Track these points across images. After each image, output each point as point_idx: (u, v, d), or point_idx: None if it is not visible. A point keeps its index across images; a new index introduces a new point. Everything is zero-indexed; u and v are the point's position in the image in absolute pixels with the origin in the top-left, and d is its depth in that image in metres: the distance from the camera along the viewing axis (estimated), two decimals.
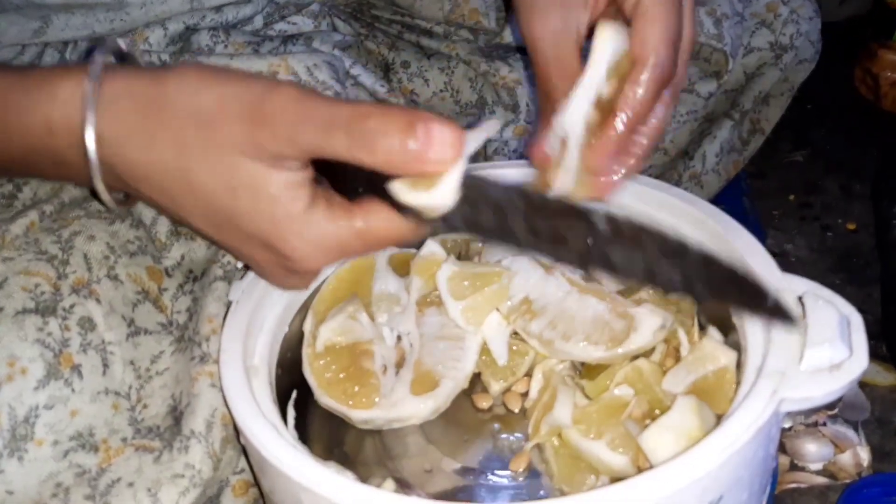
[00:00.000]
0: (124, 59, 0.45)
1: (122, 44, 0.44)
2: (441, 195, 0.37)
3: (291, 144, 0.38)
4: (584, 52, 0.47)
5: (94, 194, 0.44)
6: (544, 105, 0.47)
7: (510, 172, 0.57)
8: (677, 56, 0.45)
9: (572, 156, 0.44)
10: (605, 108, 0.45)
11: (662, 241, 0.38)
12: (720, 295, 0.39)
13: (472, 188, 0.39)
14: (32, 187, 0.50)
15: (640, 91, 0.44)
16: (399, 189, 0.38)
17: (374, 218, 0.40)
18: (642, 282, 0.40)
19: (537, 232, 0.39)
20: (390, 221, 0.40)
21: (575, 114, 0.44)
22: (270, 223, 0.40)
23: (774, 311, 0.39)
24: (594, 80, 0.44)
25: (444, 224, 0.40)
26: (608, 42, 0.44)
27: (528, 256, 0.53)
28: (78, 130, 0.40)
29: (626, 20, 0.46)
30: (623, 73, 0.45)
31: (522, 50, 0.71)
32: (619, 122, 0.44)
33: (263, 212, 0.40)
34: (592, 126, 0.45)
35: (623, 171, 0.47)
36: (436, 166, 0.36)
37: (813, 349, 0.42)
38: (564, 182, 0.43)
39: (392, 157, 0.36)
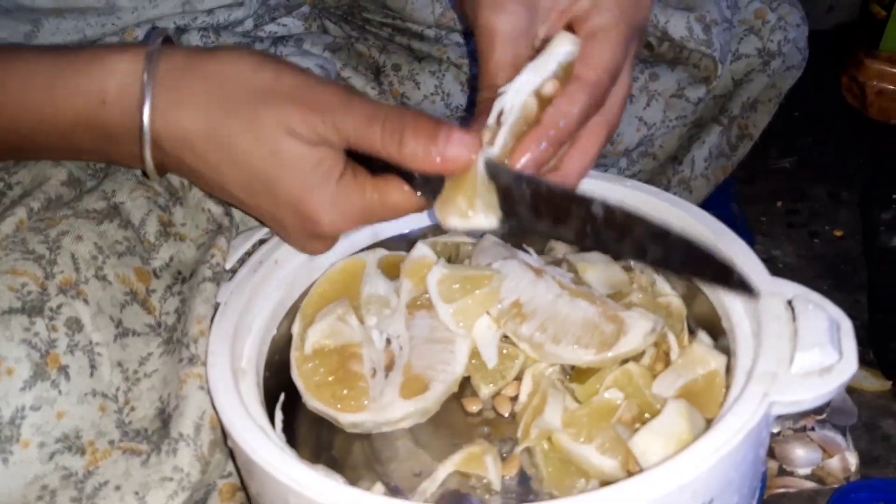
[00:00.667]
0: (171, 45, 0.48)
1: (171, 33, 0.48)
2: (480, 220, 0.44)
3: (336, 131, 0.43)
4: None
5: (137, 167, 0.48)
6: (486, 94, 0.47)
7: None
8: (611, 87, 0.47)
9: (502, 133, 0.45)
10: (543, 104, 0.46)
11: (649, 226, 0.42)
12: (694, 270, 0.43)
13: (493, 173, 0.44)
14: (23, 186, 0.50)
15: (571, 104, 0.45)
16: (442, 215, 0.45)
17: (393, 190, 0.46)
18: (630, 257, 0.46)
19: (540, 214, 0.44)
20: (405, 195, 0.46)
21: (518, 94, 0.46)
22: (307, 192, 0.45)
23: (738, 285, 0.42)
24: (543, 68, 0.46)
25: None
26: (565, 44, 0.46)
27: (519, 260, 0.53)
28: (134, 100, 0.44)
29: None
30: (565, 80, 0.46)
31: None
32: (543, 129, 0.45)
33: (301, 179, 0.44)
34: (528, 114, 0.46)
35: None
36: (453, 164, 0.42)
37: (803, 353, 0.42)
38: (492, 153, 0.45)
39: (417, 151, 0.42)
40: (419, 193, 0.46)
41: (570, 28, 0.48)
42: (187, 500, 0.43)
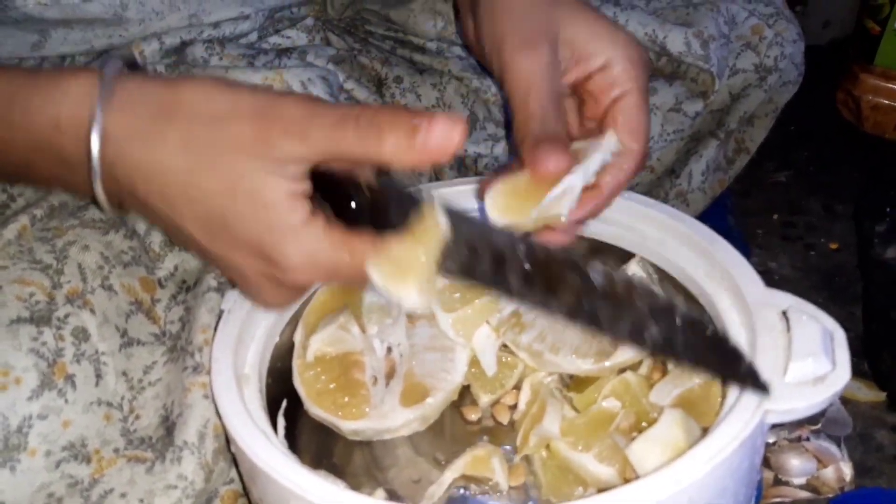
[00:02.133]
0: (135, 70, 0.45)
1: (136, 56, 0.45)
2: (409, 298, 0.40)
3: (302, 140, 0.38)
4: None
5: (93, 200, 0.43)
6: (525, 145, 0.45)
7: None
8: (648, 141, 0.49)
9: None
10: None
11: (652, 301, 0.40)
12: (699, 360, 0.41)
13: (474, 233, 0.41)
14: (26, 198, 0.50)
15: (622, 176, 0.47)
16: (374, 273, 0.40)
17: (365, 247, 0.41)
18: (625, 340, 0.42)
19: (532, 282, 0.41)
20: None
21: (566, 196, 0.45)
22: (267, 229, 0.40)
23: (747, 377, 0.41)
24: (588, 170, 0.46)
25: (439, 269, 0.41)
26: (610, 143, 0.48)
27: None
28: (85, 127, 0.40)
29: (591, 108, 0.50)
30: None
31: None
32: (598, 200, 0.47)
33: (261, 217, 0.40)
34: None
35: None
36: (438, 153, 0.38)
37: (797, 362, 0.43)
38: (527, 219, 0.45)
39: (400, 143, 0.38)
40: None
41: (586, 79, 0.49)
42: None
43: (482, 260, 0.41)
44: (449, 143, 0.38)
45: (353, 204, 0.41)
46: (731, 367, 0.40)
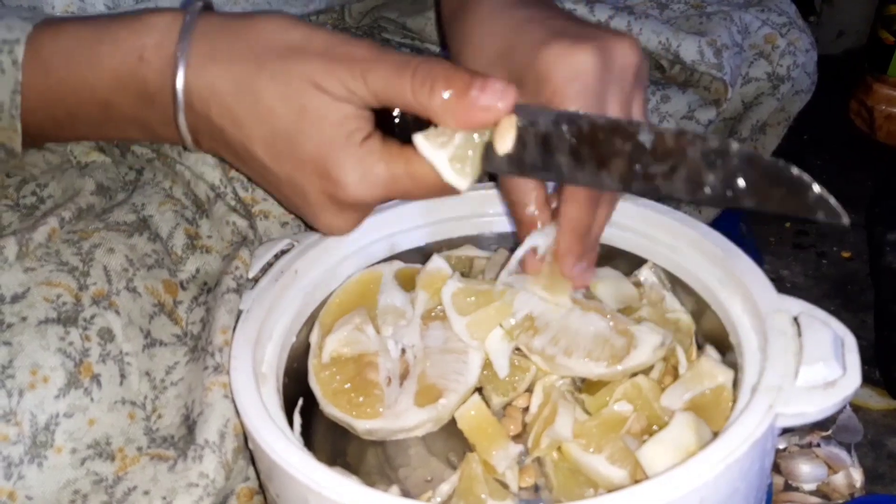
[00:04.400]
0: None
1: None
2: (456, 180, 0.43)
3: (364, 82, 0.42)
4: None
5: (167, 140, 0.47)
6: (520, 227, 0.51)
7: None
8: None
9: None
10: None
11: (704, 146, 0.39)
12: (763, 199, 0.39)
13: (521, 124, 0.42)
14: (55, 199, 0.51)
15: (577, 208, 0.47)
16: (422, 145, 0.43)
17: (422, 162, 0.44)
18: (682, 199, 0.41)
19: (581, 160, 0.42)
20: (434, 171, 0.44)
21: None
22: (330, 147, 0.43)
23: (818, 205, 0.38)
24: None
25: (489, 165, 0.44)
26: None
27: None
28: (170, 55, 0.44)
29: None
30: None
31: None
32: (566, 239, 0.48)
33: (325, 136, 0.43)
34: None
35: (586, 264, 0.50)
36: (485, 115, 0.42)
37: (808, 367, 0.43)
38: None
39: (449, 99, 0.41)
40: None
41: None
42: None
43: (529, 148, 0.43)
44: (497, 106, 0.41)
45: (397, 121, 0.44)
46: (798, 197, 0.38)
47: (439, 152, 0.43)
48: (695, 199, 0.40)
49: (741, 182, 0.39)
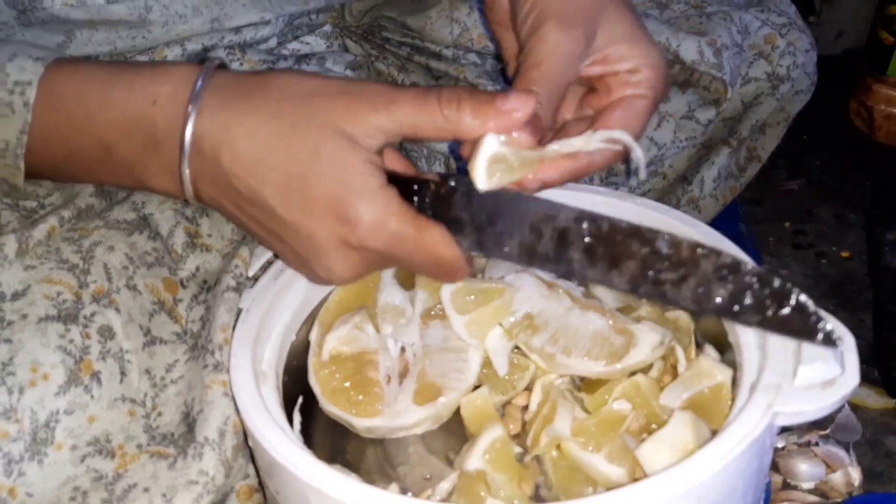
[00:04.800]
0: None
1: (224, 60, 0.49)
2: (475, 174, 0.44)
3: (387, 112, 0.43)
4: None
5: (164, 193, 0.47)
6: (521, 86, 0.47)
7: None
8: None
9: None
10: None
11: (717, 261, 0.40)
12: (765, 320, 0.41)
13: (539, 213, 0.44)
14: (54, 203, 0.52)
15: (598, 159, 0.48)
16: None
17: (434, 232, 0.45)
18: (688, 308, 0.43)
19: (595, 258, 0.43)
20: (446, 241, 0.45)
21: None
22: (348, 188, 0.43)
23: (815, 331, 0.40)
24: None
25: (498, 251, 0.45)
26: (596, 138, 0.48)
27: (531, 274, 0.54)
28: (183, 101, 0.44)
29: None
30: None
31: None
32: (569, 164, 0.47)
33: (342, 177, 0.43)
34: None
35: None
36: (512, 119, 0.43)
37: (806, 366, 0.43)
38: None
39: (479, 108, 0.43)
40: (464, 248, 0.45)
41: (609, 75, 0.50)
42: (211, 503, 0.45)
43: (545, 241, 0.44)
44: (523, 109, 0.43)
45: (415, 199, 0.45)
46: (799, 322, 0.40)
47: (489, 142, 0.44)
48: (700, 310, 0.42)
49: (748, 300, 0.40)
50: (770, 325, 0.40)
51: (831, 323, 0.40)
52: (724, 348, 0.51)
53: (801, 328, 0.40)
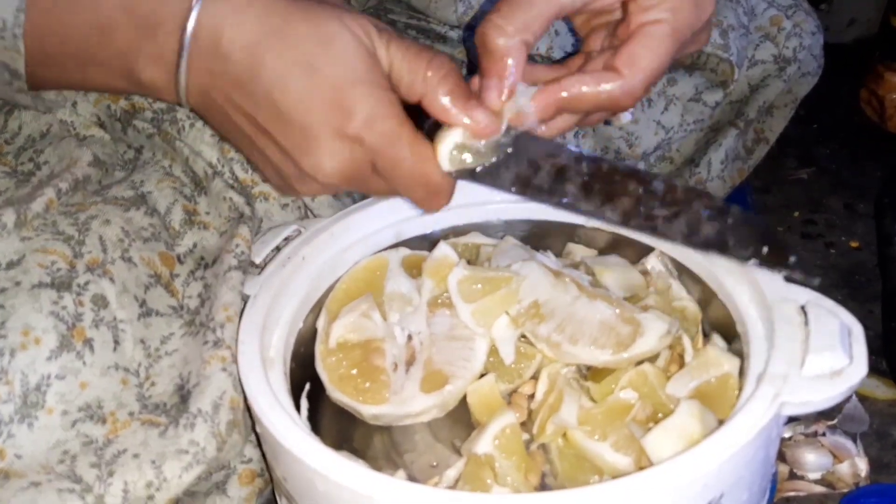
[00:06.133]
0: None
1: None
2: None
3: (386, 45, 0.44)
4: None
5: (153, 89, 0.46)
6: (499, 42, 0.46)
7: None
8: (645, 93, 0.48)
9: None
10: None
11: (708, 203, 0.43)
12: (749, 248, 0.45)
13: (541, 151, 0.45)
14: (51, 165, 0.52)
15: (592, 83, 0.46)
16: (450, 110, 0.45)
17: (431, 149, 0.45)
18: (678, 242, 0.46)
19: (590, 192, 0.45)
20: (440, 165, 0.45)
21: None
22: (352, 80, 0.43)
23: (794, 268, 0.44)
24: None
25: (490, 179, 0.46)
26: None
27: (538, 262, 0.54)
28: None
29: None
30: None
31: (531, 57, 0.72)
32: (554, 88, 0.46)
33: (351, 65, 0.43)
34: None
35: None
36: (480, 132, 0.44)
37: (814, 356, 0.43)
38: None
39: (455, 97, 0.44)
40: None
41: (624, 6, 0.48)
42: (202, 474, 0.44)
43: (542, 174, 0.45)
44: (487, 126, 0.44)
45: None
46: (778, 256, 0.44)
47: (456, 130, 0.45)
48: (688, 243, 0.46)
49: (733, 238, 0.45)
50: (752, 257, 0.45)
51: (796, 256, 0.44)
52: (732, 338, 0.51)
53: (779, 263, 0.45)
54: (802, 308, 0.47)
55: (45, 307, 0.43)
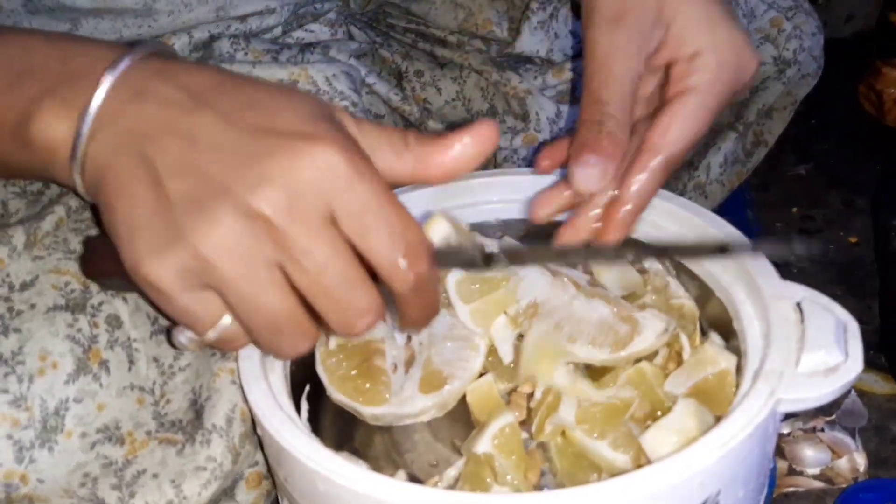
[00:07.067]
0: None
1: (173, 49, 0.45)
2: None
3: (356, 123, 0.38)
4: None
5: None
6: (592, 109, 0.45)
7: (518, 179, 0.59)
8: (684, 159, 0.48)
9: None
10: None
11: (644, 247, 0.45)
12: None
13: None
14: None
15: (641, 176, 0.47)
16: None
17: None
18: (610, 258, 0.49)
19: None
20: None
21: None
22: (313, 113, 0.37)
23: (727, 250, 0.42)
24: None
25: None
26: None
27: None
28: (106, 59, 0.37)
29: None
30: None
31: (531, 60, 0.72)
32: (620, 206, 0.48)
33: (312, 106, 0.37)
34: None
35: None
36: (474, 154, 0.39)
37: (810, 353, 0.43)
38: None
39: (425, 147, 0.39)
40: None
41: (672, 63, 0.47)
42: (219, 489, 0.45)
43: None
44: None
45: None
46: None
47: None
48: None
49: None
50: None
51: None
52: (729, 335, 0.51)
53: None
54: (798, 305, 0.47)
55: (61, 331, 0.43)
